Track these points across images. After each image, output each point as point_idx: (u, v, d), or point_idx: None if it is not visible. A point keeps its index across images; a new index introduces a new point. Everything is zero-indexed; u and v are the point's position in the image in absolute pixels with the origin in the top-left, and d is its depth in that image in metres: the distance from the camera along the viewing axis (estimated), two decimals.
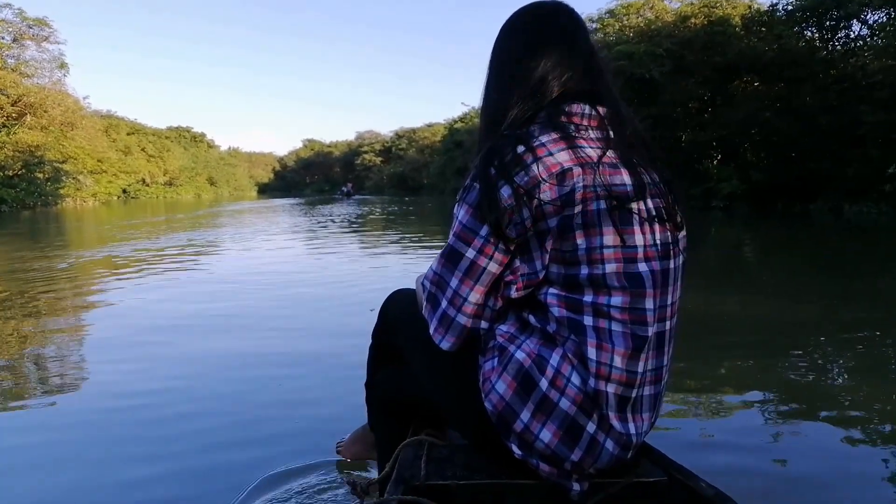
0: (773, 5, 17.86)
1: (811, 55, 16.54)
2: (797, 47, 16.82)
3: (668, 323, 0.78)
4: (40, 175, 29.44)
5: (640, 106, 16.95)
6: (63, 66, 31.94)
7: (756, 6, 19.35)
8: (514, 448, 0.78)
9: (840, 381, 2.21)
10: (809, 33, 17.38)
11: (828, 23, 16.57)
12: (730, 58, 17.49)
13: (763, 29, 17.88)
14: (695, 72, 18.13)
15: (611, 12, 21.44)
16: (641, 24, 20.17)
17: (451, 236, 0.80)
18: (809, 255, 6.68)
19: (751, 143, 17.81)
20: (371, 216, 15.56)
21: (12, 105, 28.59)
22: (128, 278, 4.71)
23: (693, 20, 19.07)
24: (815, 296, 3.96)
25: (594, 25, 20.74)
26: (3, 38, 28.93)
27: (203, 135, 67.04)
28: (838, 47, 16.80)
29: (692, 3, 19.90)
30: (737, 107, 16.78)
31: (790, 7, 17.20)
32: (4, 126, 28.03)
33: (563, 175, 0.72)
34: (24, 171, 28.48)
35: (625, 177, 0.75)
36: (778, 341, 2.71)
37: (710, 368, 2.34)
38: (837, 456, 1.51)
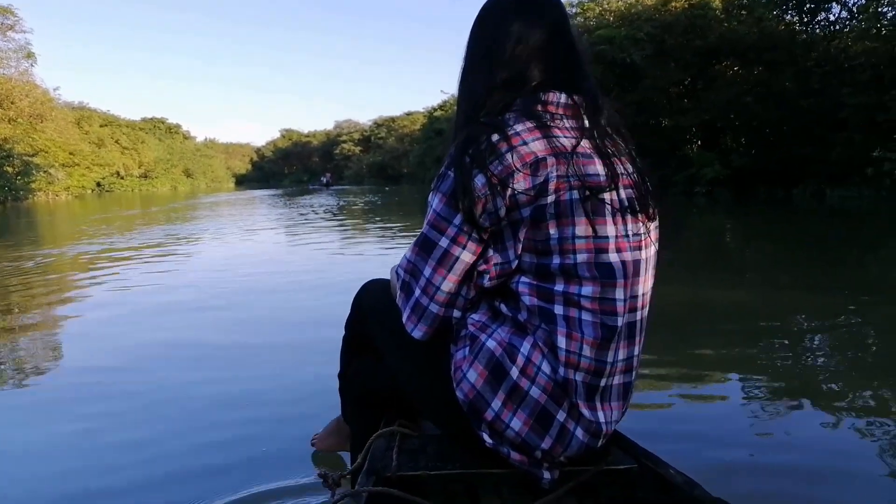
0: None
1: (792, 38, 16.64)
2: (777, 31, 16.92)
3: (639, 313, 0.78)
4: (9, 169, 28.56)
5: (621, 92, 16.96)
6: (30, 55, 30.88)
7: None
8: (486, 437, 0.78)
9: (823, 368, 2.20)
10: (790, 16, 17.48)
11: (808, 5, 16.66)
12: (710, 41, 17.56)
13: (743, 12, 17.94)
14: (675, 56, 18.18)
15: None
16: (622, 8, 20.10)
17: (425, 225, 0.79)
18: (792, 241, 6.70)
19: (732, 129, 17.97)
20: (353, 206, 15.41)
21: None
22: (100, 275, 4.60)
23: (674, 3, 19.05)
24: (798, 282, 3.96)
25: (574, 10, 20.61)
26: None
27: (178, 126, 65.48)
28: (818, 30, 16.95)
29: None
30: (718, 91, 16.86)
31: None
32: None
33: (536, 165, 0.72)
34: None
35: (598, 167, 0.75)
36: (760, 328, 2.70)
37: (691, 356, 2.34)
38: (819, 445, 1.50)
